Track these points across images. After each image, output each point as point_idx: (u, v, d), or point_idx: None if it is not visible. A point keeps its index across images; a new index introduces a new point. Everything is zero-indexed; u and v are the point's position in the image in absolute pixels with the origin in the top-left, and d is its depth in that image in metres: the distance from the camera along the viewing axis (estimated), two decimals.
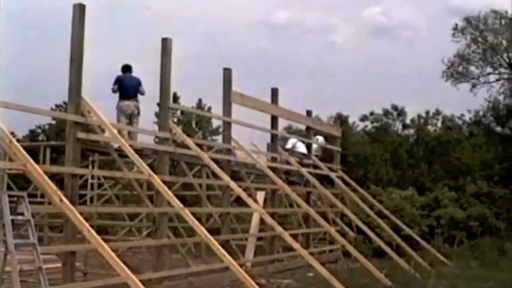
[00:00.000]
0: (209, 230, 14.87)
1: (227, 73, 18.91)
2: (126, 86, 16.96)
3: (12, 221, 10.08)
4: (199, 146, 19.14)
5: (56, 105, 41.41)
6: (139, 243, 20.59)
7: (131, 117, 16.93)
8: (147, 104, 16.77)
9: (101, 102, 14.85)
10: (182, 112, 47.10)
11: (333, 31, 74.87)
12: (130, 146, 14.70)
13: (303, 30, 72.45)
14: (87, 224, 11.17)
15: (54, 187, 11.38)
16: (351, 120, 49.33)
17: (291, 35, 71.51)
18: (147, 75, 16.74)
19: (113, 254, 10.71)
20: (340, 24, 75.55)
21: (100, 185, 27.73)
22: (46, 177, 11.36)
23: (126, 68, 17.22)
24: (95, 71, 16.73)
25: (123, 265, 10.72)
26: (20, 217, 10.39)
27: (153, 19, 63.70)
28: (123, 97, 16.89)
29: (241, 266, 14.75)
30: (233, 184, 17.20)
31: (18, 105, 12.82)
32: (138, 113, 17.08)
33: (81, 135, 13.73)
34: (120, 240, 22.98)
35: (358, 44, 69.52)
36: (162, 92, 16.42)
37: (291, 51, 69.50)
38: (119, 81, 16.93)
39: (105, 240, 14.12)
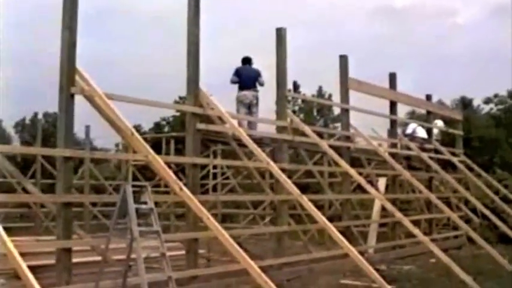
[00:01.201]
0: (331, 217, 14.97)
1: (343, 60, 19.00)
2: (245, 77, 17.39)
3: (137, 210, 10.50)
4: (320, 133, 19.26)
5: (180, 97, 42.54)
6: (260, 230, 20.93)
7: (250, 107, 17.32)
8: (272, 93, 17.02)
9: (217, 95, 15.23)
10: (303, 100, 47.31)
11: (454, 13, 73.09)
12: (249, 135, 15.01)
13: (423, 13, 71.10)
14: (207, 212, 11.49)
15: (174, 177, 11.78)
16: (475, 103, 47.96)
17: (410, 19, 70.41)
18: (271, 67, 16.99)
19: (232, 241, 10.97)
20: (462, 6, 73.59)
21: (224, 175, 28.43)
22: (166, 167, 11.78)
23: (246, 60, 17.67)
24: (213, 64, 17.16)
25: (243, 252, 10.96)
26: (143, 206, 10.80)
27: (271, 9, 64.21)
28: (242, 88, 17.31)
29: (362, 252, 14.76)
30: (352, 171, 17.22)
31: (141, 100, 13.47)
32: (257, 103, 17.45)
33: (201, 126, 14.18)
34: (243, 227, 23.48)
35: (480, 25, 67.60)
36: (278, 81, 16.66)
37: (411, 36, 68.43)
38: (238, 72, 17.39)
39: (229, 228, 14.58)
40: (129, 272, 11.12)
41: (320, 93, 50.10)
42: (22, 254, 8.58)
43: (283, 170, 14.96)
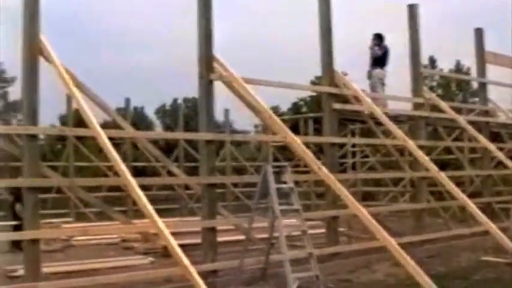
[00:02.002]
0: (472, 194, 14.70)
1: (478, 33, 18.60)
2: (381, 54, 17.30)
3: (277, 189, 10.84)
4: (458, 109, 18.92)
5: (316, 77, 42.64)
6: (399, 208, 20.85)
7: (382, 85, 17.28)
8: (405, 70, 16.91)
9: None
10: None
11: None
12: (385, 113, 15.03)
13: None
14: (345, 190, 11.64)
15: (312, 156, 12.02)
16: None
17: None
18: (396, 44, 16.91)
19: (371, 218, 11.08)
20: None
21: (363, 153, 28.40)
22: (304, 147, 12.04)
23: (379, 37, 17.52)
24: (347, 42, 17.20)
25: (382, 229, 11.04)
26: (284, 186, 11.11)
27: None
28: (377, 64, 17.24)
29: (504, 229, 14.44)
30: (491, 146, 16.86)
31: (277, 83, 13.85)
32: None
33: (337, 106, 14.36)
34: (382, 205, 23.41)
35: None
36: (412, 58, 16.55)
37: None
38: (372, 49, 17.31)
39: (368, 206, 14.67)
40: (272, 249, 11.53)
41: (458, 67, 48.71)
42: (172, 234, 9.08)
43: (420, 147, 14.87)
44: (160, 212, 10.27)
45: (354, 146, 27.81)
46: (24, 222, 10.55)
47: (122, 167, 9.78)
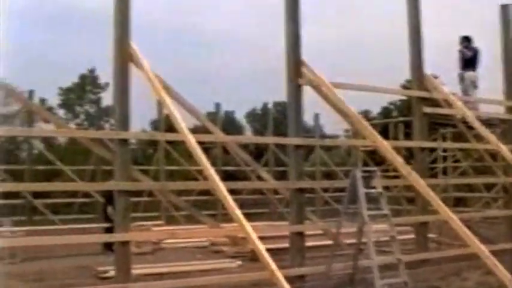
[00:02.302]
0: None
1: None
2: (471, 56, 16.88)
3: (366, 194, 10.74)
4: None
5: (407, 81, 42.03)
6: (490, 214, 20.24)
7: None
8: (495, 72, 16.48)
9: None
10: None
11: None
12: (477, 117, 14.67)
13: None
14: (435, 196, 11.41)
15: (401, 161, 11.84)
16: None
17: None
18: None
19: (461, 224, 10.82)
20: None
21: (454, 157, 27.77)
22: (393, 152, 11.87)
23: (466, 39, 17.11)
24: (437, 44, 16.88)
25: (473, 236, 10.77)
26: (372, 190, 10.99)
27: None
28: (467, 67, 16.83)
29: None
30: None
31: (366, 87, 13.73)
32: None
33: (427, 110, 14.11)
34: (474, 211, 22.81)
35: None
36: (505, 59, 16.09)
37: None
38: (462, 51, 16.91)
39: (460, 212, 14.31)
40: (360, 255, 11.41)
41: None
42: (259, 238, 9.11)
43: None
44: (250, 216, 10.37)
45: (445, 150, 27.19)
46: (115, 224, 10.81)
47: (211, 171, 9.87)
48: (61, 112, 49.85)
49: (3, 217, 18.74)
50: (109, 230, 15.06)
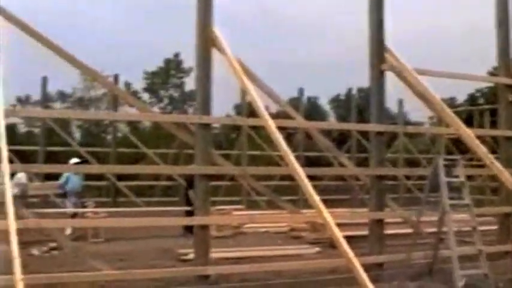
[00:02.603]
0: None
1: None
2: None
3: (448, 183, 10.55)
4: None
5: (494, 68, 40.95)
6: None
7: None
8: None
9: None
10: None
11: None
12: None
13: None
14: None
15: (485, 150, 11.56)
16: None
17: None
18: None
19: None
20: None
21: None
22: (477, 141, 11.59)
23: None
24: None
25: None
26: (455, 179, 10.80)
27: None
28: None
29: None
30: None
31: (450, 73, 13.43)
32: None
33: None
34: None
35: None
36: None
37: None
38: None
39: None
40: (440, 244, 11.23)
41: None
42: (337, 225, 9.07)
43: None
44: (331, 203, 10.35)
45: None
46: (195, 208, 10.95)
47: (291, 157, 9.86)
48: (145, 96, 50.85)
49: (88, 198, 19.25)
50: (190, 214, 15.30)
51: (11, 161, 8.87)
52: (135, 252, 13.79)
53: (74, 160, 18.34)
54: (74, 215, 17.27)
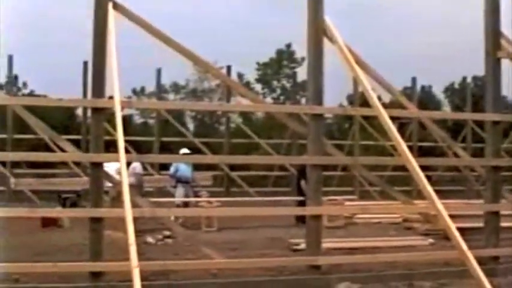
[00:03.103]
0: None
1: None
2: None
3: None
4: None
5: None
6: None
7: None
8: None
9: None
10: None
11: None
12: None
13: None
14: None
15: None
16: None
17: None
18: None
19: None
20: None
21: None
22: None
23: None
24: None
25: None
26: None
27: None
28: None
29: None
30: None
31: None
32: None
33: None
34: None
35: None
36: None
37: None
38: None
39: None
40: None
41: None
42: (451, 216, 8.88)
43: None
44: (445, 194, 10.16)
45: None
46: (307, 198, 10.98)
47: (403, 147, 9.73)
48: (258, 87, 51.26)
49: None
50: (302, 204, 15.36)
51: (127, 151, 9.16)
52: (247, 241, 13.95)
53: (184, 150, 18.73)
54: (185, 204, 17.66)
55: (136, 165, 17.71)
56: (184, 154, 17.96)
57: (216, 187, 26.73)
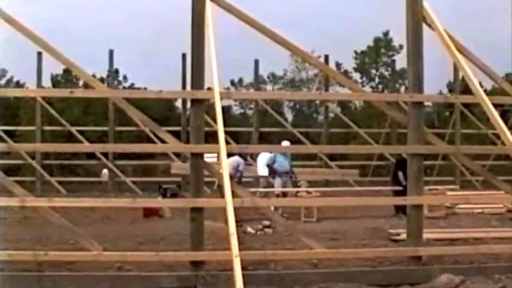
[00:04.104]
0: None
1: None
2: None
3: None
4: None
5: None
6: None
7: None
8: None
9: None
10: None
11: None
12: None
13: None
14: None
15: None
16: None
17: None
18: None
19: None
20: None
21: None
22: None
23: None
24: None
25: None
26: None
27: None
28: None
29: None
30: None
31: None
32: None
33: None
34: None
35: None
36: None
37: None
38: None
39: None
40: None
41: None
42: None
43: None
44: None
45: None
46: (408, 187, 10.78)
47: (508, 135, 9.43)
48: (356, 75, 50.88)
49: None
50: (398, 194, 15.16)
51: (226, 142, 9.25)
52: (347, 231, 13.87)
53: (285, 143, 18.73)
54: (284, 195, 17.68)
55: (240, 162, 17.71)
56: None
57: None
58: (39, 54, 25.81)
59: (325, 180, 26.05)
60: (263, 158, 18.98)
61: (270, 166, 18.53)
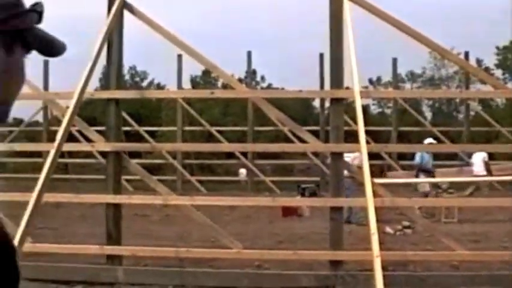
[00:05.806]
0: None
1: None
2: None
3: None
4: None
5: None
6: None
7: None
8: None
9: None
10: None
11: None
12: None
13: None
14: None
15: None
16: None
17: None
18: None
19: None
20: None
21: None
22: None
23: None
24: None
25: None
26: None
27: None
28: None
29: None
30: None
31: None
32: None
33: None
34: None
35: None
36: None
37: None
38: None
39: None
40: None
41: None
42: None
43: None
44: None
45: None
46: None
47: None
48: (498, 72, 49.11)
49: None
50: None
51: (366, 142, 9.19)
52: (489, 233, 13.40)
53: (429, 140, 18.49)
54: (425, 195, 17.37)
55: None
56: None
57: None
58: (179, 56, 26.62)
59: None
60: (479, 157, 19.15)
61: (419, 165, 18.31)
